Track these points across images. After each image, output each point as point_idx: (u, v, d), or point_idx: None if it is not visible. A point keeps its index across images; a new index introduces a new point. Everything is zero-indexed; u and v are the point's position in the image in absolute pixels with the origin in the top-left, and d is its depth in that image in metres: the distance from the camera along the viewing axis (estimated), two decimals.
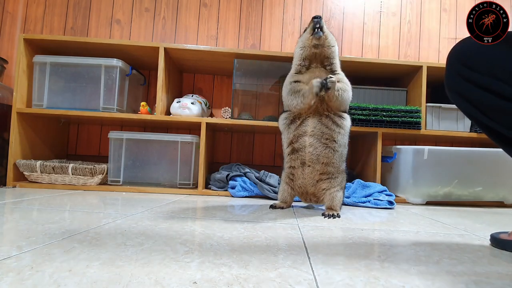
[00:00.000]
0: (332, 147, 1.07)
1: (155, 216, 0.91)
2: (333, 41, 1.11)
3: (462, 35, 2.00)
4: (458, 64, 0.67)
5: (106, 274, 0.46)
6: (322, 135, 1.07)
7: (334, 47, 1.11)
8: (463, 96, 0.68)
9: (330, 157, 1.07)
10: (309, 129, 1.08)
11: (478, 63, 0.64)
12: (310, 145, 1.07)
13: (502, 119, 0.63)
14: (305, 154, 1.08)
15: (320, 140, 1.07)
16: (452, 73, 0.68)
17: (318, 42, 1.08)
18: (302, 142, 1.08)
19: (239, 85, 1.64)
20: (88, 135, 1.90)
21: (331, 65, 1.11)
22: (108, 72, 1.52)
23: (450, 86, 0.70)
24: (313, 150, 1.07)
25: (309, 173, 1.09)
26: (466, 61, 0.65)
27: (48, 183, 1.45)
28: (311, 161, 1.08)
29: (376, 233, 0.83)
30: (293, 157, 1.12)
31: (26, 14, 1.91)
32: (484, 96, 0.63)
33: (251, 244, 0.66)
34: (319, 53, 1.09)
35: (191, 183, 1.52)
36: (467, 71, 0.65)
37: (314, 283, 0.47)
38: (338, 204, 1.08)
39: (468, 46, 0.66)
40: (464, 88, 0.66)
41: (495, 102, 0.62)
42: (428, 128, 1.62)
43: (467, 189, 1.45)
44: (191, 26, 1.94)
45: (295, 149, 1.10)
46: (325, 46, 1.09)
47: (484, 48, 0.63)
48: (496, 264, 0.61)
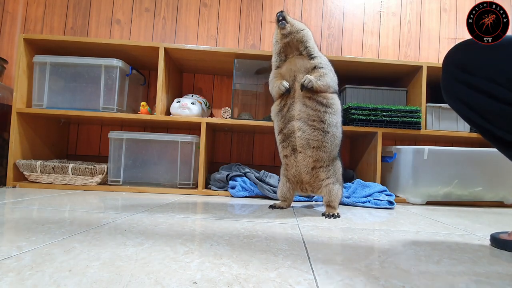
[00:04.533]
0: (320, 128, 1.06)
1: (155, 216, 0.91)
2: (301, 26, 1.11)
3: (462, 35, 2.00)
4: (455, 68, 0.66)
5: (106, 274, 0.46)
6: (308, 117, 1.06)
7: (303, 30, 1.11)
8: (461, 100, 0.67)
9: (320, 139, 1.06)
10: (295, 113, 1.08)
11: (475, 66, 0.63)
12: (298, 129, 1.07)
13: (501, 123, 0.63)
14: (295, 140, 1.08)
15: (307, 122, 1.06)
16: (449, 77, 0.68)
17: (285, 31, 1.09)
18: (290, 127, 1.08)
19: (239, 85, 1.64)
20: (88, 135, 1.90)
21: (306, 48, 1.10)
22: (108, 72, 1.52)
23: (447, 90, 0.70)
24: (302, 134, 1.06)
25: (301, 160, 1.08)
26: (462, 65, 0.65)
27: (48, 183, 1.45)
28: (301, 146, 1.07)
29: (376, 233, 0.83)
30: (284, 144, 1.12)
31: (26, 14, 1.91)
32: (482, 99, 0.63)
33: (251, 244, 0.66)
34: (290, 41, 1.10)
35: (191, 183, 1.52)
36: (463, 75, 0.65)
37: (314, 283, 0.47)
38: (336, 199, 1.07)
39: (464, 50, 0.66)
40: (462, 92, 0.66)
41: (493, 106, 0.62)
42: (428, 128, 1.62)
43: (467, 189, 1.45)
44: (191, 26, 1.94)
45: (285, 136, 1.10)
46: (293, 32, 1.09)
47: (480, 51, 0.63)
48: (496, 264, 0.61)
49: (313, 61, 1.09)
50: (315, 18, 1.98)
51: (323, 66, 1.09)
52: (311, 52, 1.10)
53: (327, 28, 1.98)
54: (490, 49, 0.62)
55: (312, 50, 1.11)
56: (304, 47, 1.10)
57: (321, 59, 1.11)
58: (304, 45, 1.10)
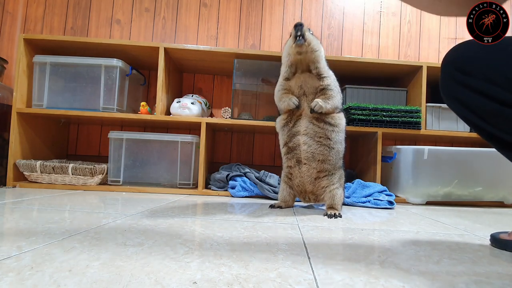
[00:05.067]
0: (326, 144, 1.09)
1: (155, 216, 0.91)
2: (316, 46, 1.09)
3: (462, 35, 2.00)
4: (453, 70, 0.66)
5: (106, 274, 0.46)
6: (315, 134, 1.09)
7: (317, 51, 1.09)
8: (459, 101, 0.67)
9: (325, 154, 1.09)
10: (301, 129, 1.10)
11: (473, 68, 0.63)
12: (304, 143, 1.09)
13: (499, 124, 0.63)
14: (300, 152, 1.10)
15: (313, 138, 1.09)
16: (447, 78, 0.68)
17: (301, 50, 1.07)
18: (296, 141, 1.11)
19: (239, 85, 1.64)
20: (88, 135, 1.90)
21: (317, 69, 1.10)
22: (108, 72, 1.52)
23: (446, 91, 0.69)
24: (307, 147, 1.09)
25: (305, 171, 1.11)
26: (461, 66, 0.65)
27: (48, 183, 1.45)
28: (306, 158, 1.09)
29: (376, 233, 0.83)
30: (289, 156, 1.14)
31: (26, 14, 1.91)
32: (480, 101, 0.63)
33: (251, 244, 0.66)
34: (303, 59, 1.09)
35: (191, 183, 1.52)
36: (462, 76, 0.65)
37: (314, 283, 0.47)
38: (339, 203, 1.09)
39: (463, 51, 0.66)
40: (460, 93, 0.66)
41: (492, 107, 0.61)
42: (428, 128, 1.62)
43: (467, 189, 1.45)
44: (191, 26, 1.94)
45: (290, 148, 1.12)
46: (308, 52, 1.08)
47: (478, 52, 0.63)
48: (496, 264, 0.61)
49: (323, 82, 1.10)
50: (315, 18, 1.98)
51: (331, 88, 1.11)
52: (321, 72, 1.11)
53: (327, 28, 1.98)
54: (489, 50, 0.62)
55: (322, 70, 1.11)
56: (315, 67, 1.10)
57: (330, 79, 1.11)
58: (315, 65, 1.10)
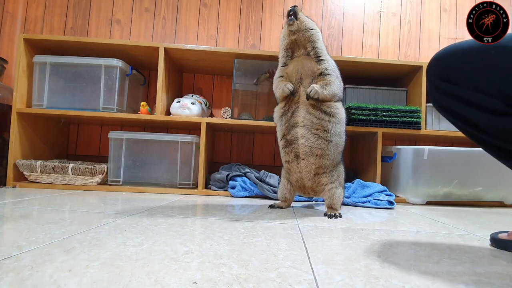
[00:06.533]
0: (324, 137, 1.05)
1: (155, 216, 0.91)
2: (310, 24, 1.08)
3: (462, 35, 2.00)
4: (439, 81, 0.64)
5: (106, 274, 0.46)
6: (312, 125, 1.05)
7: (313, 29, 1.07)
8: (448, 111, 0.65)
9: (323, 148, 1.05)
10: (299, 119, 1.06)
11: (459, 77, 0.60)
12: (302, 136, 1.06)
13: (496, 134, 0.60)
14: (298, 146, 1.07)
15: (311, 130, 1.05)
16: (433, 89, 0.66)
17: (293, 28, 1.06)
18: (294, 133, 1.07)
19: (239, 85, 1.64)
20: (88, 135, 1.90)
21: (314, 49, 1.07)
22: (108, 72, 1.52)
23: (434, 102, 0.67)
24: (305, 141, 1.05)
25: (304, 167, 1.08)
26: (447, 77, 0.62)
27: (48, 183, 1.45)
28: (304, 153, 1.06)
29: (376, 233, 0.83)
30: (287, 150, 1.11)
31: (26, 14, 1.91)
32: (472, 112, 0.60)
33: (251, 244, 0.66)
34: (298, 38, 1.07)
35: (191, 183, 1.52)
36: (446, 85, 0.62)
37: (314, 283, 0.47)
38: (338, 202, 1.08)
39: (447, 59, 0.63)
40: (452, 105, 0.63)
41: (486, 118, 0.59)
42: (428, 128, 1.62)
43: (467, 189, 1.45)
44: (191, 26, 1.94)
45: (288, 142, 1.10)
46: (301, 30, 1.06)
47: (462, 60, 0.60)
48: (496, 264, 0.61)
49: (321, 65, 1.07)
50: (315, 18, 1.98)
51: (330, 72, 1.07)
52: (319, 54, 1.08)
53: (327, 28, 1.98)
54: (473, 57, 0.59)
55: (320, 51, 1.08)
56: (312, 47, 1.08)
57: (328, 63, 1.08)
58: (312, 45, 1.07)
